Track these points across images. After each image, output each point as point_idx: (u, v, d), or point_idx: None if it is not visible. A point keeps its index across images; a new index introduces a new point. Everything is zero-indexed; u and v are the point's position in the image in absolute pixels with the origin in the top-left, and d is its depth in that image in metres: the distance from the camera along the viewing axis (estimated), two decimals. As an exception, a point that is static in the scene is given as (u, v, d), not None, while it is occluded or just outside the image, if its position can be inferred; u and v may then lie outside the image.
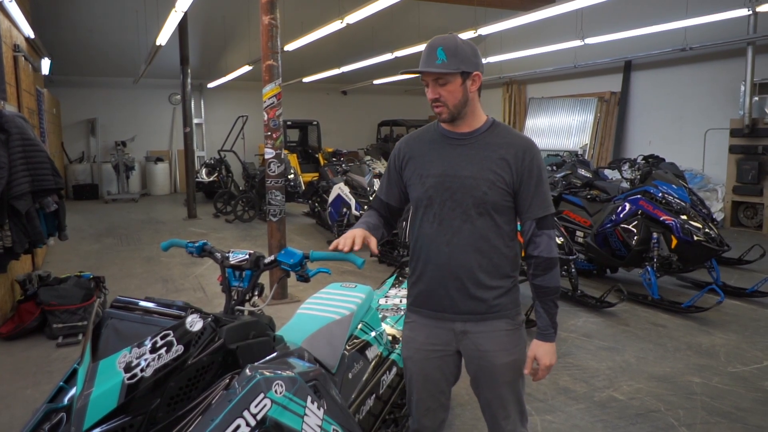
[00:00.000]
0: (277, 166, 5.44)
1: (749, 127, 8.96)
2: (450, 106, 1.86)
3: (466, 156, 1.90)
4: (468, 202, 1.88)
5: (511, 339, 1.97)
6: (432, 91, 1.86)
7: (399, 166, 2.05)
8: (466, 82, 1.87)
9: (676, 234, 5.23)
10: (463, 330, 1.97)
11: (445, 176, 1.90)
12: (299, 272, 1.72)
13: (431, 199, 1.93)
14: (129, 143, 14.79)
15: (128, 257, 7.67)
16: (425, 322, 2.02)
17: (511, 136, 1.92)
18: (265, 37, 5.28)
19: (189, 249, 1.93)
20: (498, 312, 1.96)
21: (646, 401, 3.45)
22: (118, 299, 1.52)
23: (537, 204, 1.89)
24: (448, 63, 1.81)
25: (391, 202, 2.10)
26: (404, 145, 2.06)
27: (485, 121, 1.95)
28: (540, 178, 1.89)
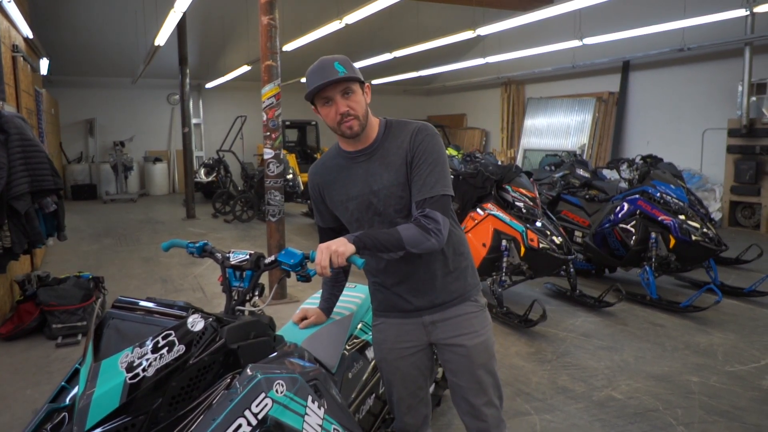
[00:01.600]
0: (276, 167, 5.44)
1: (747, 128, 8.98)
2: (360, 116, 1.84)
3: (374, 170, 1.91)
4: (390, 211, 1.91)
5: (479, 320, 2.03)
6: (341, 105, 1.81)
7: (320, 197, 2.05)
8: (363, 92, 1.87)
9: (674, 234, 5.25)
10: (431, 321, 2.01)
11: (363, 195, 1.92)
12: (300, 272, 1.72)
13: (360, 221, 1.96)
14: (127, 143, 14.79)
15: (127, 257, 7.68)
16: (393, 321, 2.06)
17: (406, 128, 1.91)
18: (264, 37, 5.29)
19: (189, 249, 1.93)
20: (461, 296, 2.01)
21: (644, 400, 3.46)
22: (120, 299, 1.53)
23: (418, 186, 1.83)
24: (349, 74, 1.79)
25: (332, 226, 2.10)
26: (315, 177, 2.05)
27: (379, 126, 1.93)
28: (426, 158, 1.83)
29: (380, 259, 1.98)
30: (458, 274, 2.00)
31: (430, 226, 1.80)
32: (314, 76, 1.83)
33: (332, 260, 1.65)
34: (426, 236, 1.80)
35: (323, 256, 1.66)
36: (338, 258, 1.66)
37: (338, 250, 1.67)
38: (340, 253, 1.67)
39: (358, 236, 1.74)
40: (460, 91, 17.04)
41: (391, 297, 2.03)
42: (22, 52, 6.33)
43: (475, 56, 13.06)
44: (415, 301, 1.99)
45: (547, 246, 4.84)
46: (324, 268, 1.65)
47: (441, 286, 1.98)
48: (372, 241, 1.75)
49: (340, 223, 2.09)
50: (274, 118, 5.36)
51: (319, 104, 1.87)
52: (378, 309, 2.11)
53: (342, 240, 1.72)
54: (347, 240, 1.72)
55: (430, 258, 1.93)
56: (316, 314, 2.20)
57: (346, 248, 1.69)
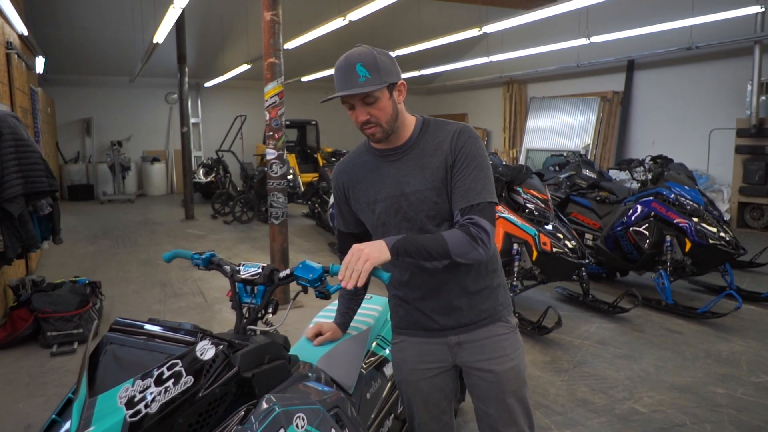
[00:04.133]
0: (280, 167, 5.27)
1: (756, 127, 8.83)
2: (384, 124, 1.67)
3: (406, 170, 1.74)
4: (421, 216, 1.73)
5: (509, 343, 1.84)
6: (360, 114, 1.65)
7: (344, 198, 1.89)
8: (393, 94, 1.69)
9: (691, 237, 5.09)
10: (457, 342, 1.83)
11: (393, 198, 1.75)
12: (319, 288, 1.55)
13: (386, 225, 1.78)
14: (125, 143, 14.59)
15: (124, 260, 7.49)
16: (415, 340, 1.88)
17: (446, 128, 1.75)
18: (267, 34, 5.11)
19: (195, 261, 1.75)
20: (491, 316, 1.82)
21: (669, 414, 3.29)
22: (118, 321, 1.35)
23: (462, 192, 1.67)
24: (372, 79, 1.61)
25: (354, 231, 1.94)
26: (341, 175, 1.89)
27: (415, 124, 1.78)
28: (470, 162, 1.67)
29: (404, 270, 1.80)
30: (489, 293, 1.82)
31: (480, 235, 1.63)
32: (337, 78, 1.66)
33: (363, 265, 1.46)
34: (473, 245, 1.62)
35: (355, 260, 1.47)
36: (368, 264, 1.47)
37: (372, 255, 1.49)
38: (373, 259, 1.48)
39: (399, 240, 1.56)
40: (461, 90, 16.86)
41: (413, 313, 1.86)
42: (16, 49, 6.14)
43: (477, 55, 12.90)
44: (441, 319, 1.81)
45: (561, 250, 4.67)
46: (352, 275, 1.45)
47: (470, 305, 1.80)
48: (414, 246, 1.57)
49: (363, 228, 1.92)
50: (278, 117, 5.19)
51: (344, 105, 1.71)
52: (399, 326, 1.93)
53: (379, 243, 1.53)
54: (385, 244, 1.54)
55: (460, 272, 1.75)
56: (332, 330, 2.02)
57: (380, 254, 1.51)
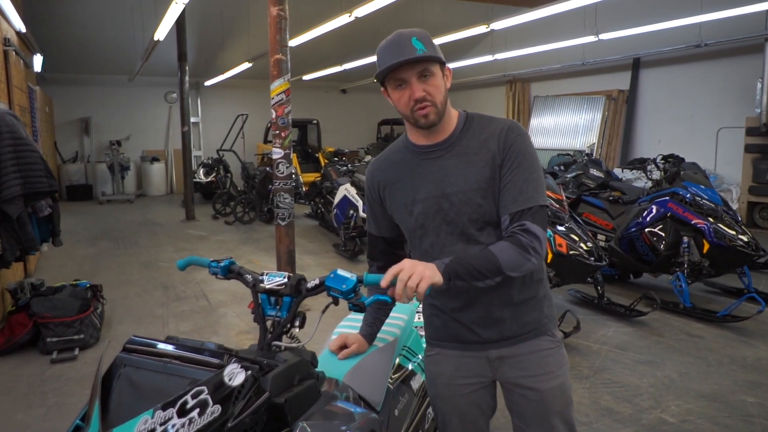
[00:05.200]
0: (286, 167, 5.12)
1: (766, 126, 8.70)
2: (438, 104, 1.54)
3: (449, 169, 1.60)
4: (463, 220, 1.59)
5: (555, 359, 1.69)
6: (417, 89, 1.51)
7: (378, 198, 1.75)
8: (444, 75, 1.58)
9: (709, 238, 4.94)
10: (498, 356, 1.67)
11: (432, 198, 1.61)
12: (352, 300, 1.40)
13: (424, 228, 1.64)
14: (124, 142, 14.42)
15: (125, 262, 7.33)
16: (451, 353, 1.73)
17: (491, 125, 1.61)
18: (273, 29, 4.96)
19: (212, 270, 1.60)
20: (536, 329, 1.67)
21: (699, 425, 3.15)
22: (133, 340, 1.20)
23: (513, 194, 1.54)
24: (429, 53, 1.49)
25: (386, 235, 1.80)
26: (376, 173, 1.75)
27: (458, 119, 1.64)
28: (521, 162, 1.54)
29: None
30: (535, 304, 1.68)
31: (533, 244, 1.49)
32: (387, 52, 1.51)
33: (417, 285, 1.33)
34: (525, 256, 1.48)
35: (407, 276, 1.34)
36: (423, 283, 1.34)
37: (426, 275, 1.35)
38: (428, 279, 1.35)
39: (449, 265, 1.42)
40: (464, 89, 16.70)
41: (451, 324, 1.71)
42: (13, 46, 5.98)
43: (480, 53, 12.74)
44: (482, 331, 1.67)
45: (577, 252, 4.53)
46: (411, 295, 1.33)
47: (513, 316, 1.65)
48: (465, 268, 1.43)
49: (396, 232, 1.78)
50: (284, 115, 5.03)
51: (390, 86, 1.56)
52: (433, 337, 1.78)
53: (432, 266, 1.40)
54: (434, 265, 1.40)
55: (504, 281, 1.60)
56: (357, 342, 1.87)
57: (434, 275, 1.37)
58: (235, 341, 4.56)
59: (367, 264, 1.90)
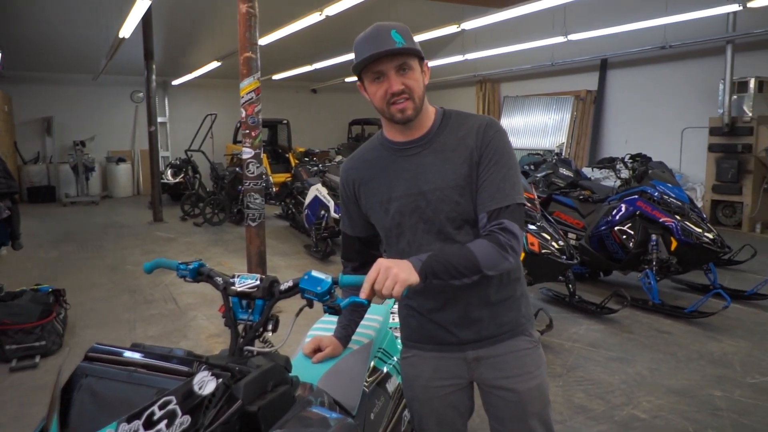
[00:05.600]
0: (256, 167, 5.03)
1: (729, 126, 8.91)
2: (416, 98, 1.51)
3: (426, 166, 1.57)
4: (440, 218, 1.56)
5: (533, 359, 1.67)
6: (395, 82, 1.48)
7: (353, 197, 1.71)
8: (423, 71, 1.55)
9: (677, 236, 5.03)
10: (476, 357, 1.65)
11: (409, 196, 1.57)
12: (327, 302, 1.35)
13: (401, 227, 1.61)
14: (88, 143, 14.02)
15: (90, 265, 7.13)
16: (428, 355, 1.70)
17: (469, 121, 1.59)
18: (243, 27, 4.87)
19: (181, 273, 1.54)
20: (513, 329, 1.66)
21: (671, 420, 3.19)
22: (96, 348, 1.13)
23: (490, 192, 1.51)
24: (408, 46, 1.47)
25: (361, 235, 1.76)
26: (351, 171, 1.70)
27: (435, 115, 1.61)
28: (498, 159, 1.52)
29: None
30: (512, 303, 1.65)
31: (510, 242, 1.47)
32: (365, 44, 1.47)
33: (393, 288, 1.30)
34: (503, 255, 1.46)
35: (383, 279, 1.30)
36: (398, 287, 1.30)
37: (400, 276, 1.31)
38: (402, 281, 1.31)
39: (426, 262, 1.39)
40: (434, 89, 16.76)
41: (428, 326, 1.68)
42: (-30, 42, 5.75)
43: (451, 54, 12.79)
44: (459, 332, 1.64)
45: (549, 251, 4.56)
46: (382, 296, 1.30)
47: (491, 316, 1.63)
48: (443, 265, 1.40)
49: (372, 231, 1.74)
50: (254, 114, 4.95)
51: (367, 80, 1.52)
52: (410, 339, 1.75)
53: (407, 265, 1.36)
54: (411, 265, 1.37)
55: (481, 281, 1.57)
56: (332, 345, 1.82)
57: (409, 276, 1.33)
58: (206, 345, 4.46)
59: (342, 265, 1.85)
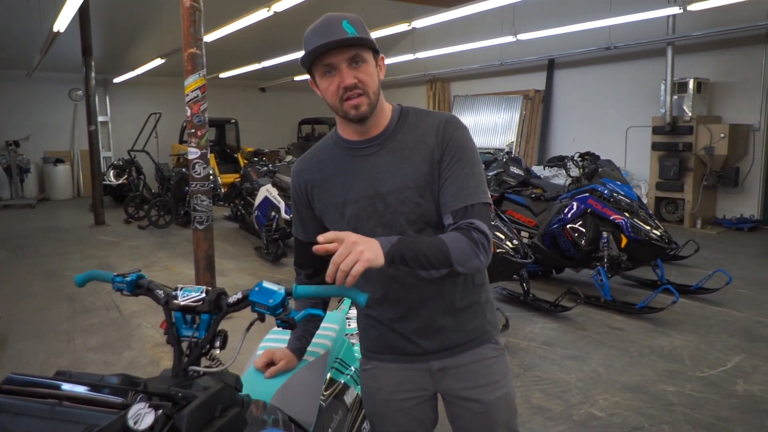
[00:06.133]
0: (203, 168, 4.83)
1: (670, 125, 9.20)
2: (371, 93, 1.41)
3: (383, 166, 1.47)
4: (400, 221, 1.46)
5: (499, 367, 1.60)
6: (347, 75, 1.37)
7: (306, 200, 1.60)
8: (377, 65, 1.46)
9: (626, 233, 5.12)
10: (441, 367, 1.57)
11: (366, 198, 1.48)
12: (280, 315, 1.24)
13: (357, 231, 1.45)
14: (23, 143, 13.34)
15: (25, 272, 6.72)
16: (390, 366, 1.60)
17: (428, 119, 1.50)
18: (187, 21, 4.66)
19: (117, 286, 1.39)
20: (479, 337, 1.58)
21: (627, 417, 3.21)
22: (12, 379, 0.98)
23: (454, 191, 1.43)
24: (360, 35, 1.36)
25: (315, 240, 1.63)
26: (302, 173, 1.59)
27: (392, 112, 1.52)
28: (461, 157, 1.44)
29: (378, 286, 1.52)
30: (477, 310, 1.57)
31: (483, 242, 1.38)
32: (314, 36, 1.37)
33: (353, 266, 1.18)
34: (475, 251, 1.36)
35: (345, 254, 1.19)
36: (359, 266, 1.18)
37: (365, 255, 1.19)
38: (365, 260, 1.19)
39: (395, 246, 1.27)
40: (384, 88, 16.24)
41: (389, 336, 1.58)
42: None
43: (401, 52, 12.76)
44: (423, 342, 1.55)
45: (504, 250, 4.54)
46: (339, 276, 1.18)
47: (456, 324, 1.54)
48: (412, 251, 1.29)
49: None
50: (200, 113, 4.75)
51: (318, 74, 1.41)
52: (370, 350, 1.65)
53: (373, 242, 1.24)
54: (380, 245, 1.25)
55: (445, 286, 1.49)
56: (286, 358, 1.70)
57: (375, 256, 1.22)
58: (151, 355, 4.25)
59: (295, 272, 1.73)
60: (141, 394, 0.99)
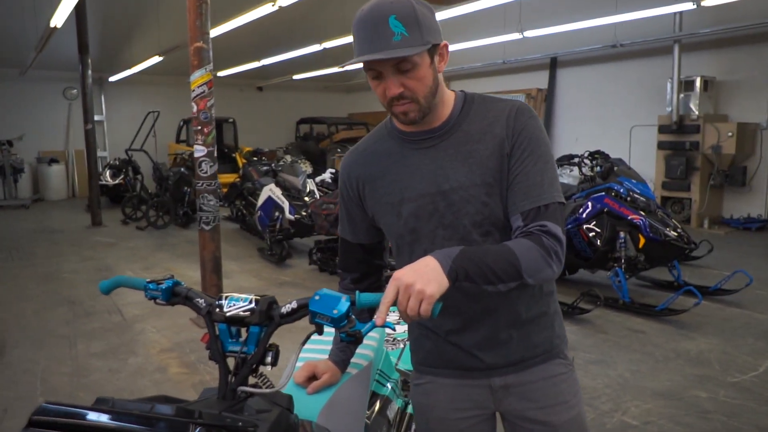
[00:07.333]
0: (210, 166, 4.66)
1: (677, 124, 9.09)
2: (421, 100, 1.24)
3: (445, 160, 1.31)
4: (464, 222, 1.31)
5: (568, 386, 1.43)
6: (392, 85, 1.21)
7: (356, 198, 1.44)
8: (434, 59, 1.26)
9: (645, 233, 4.98)
10: (504, 384, 1.40)
11: (426, 197, 1.32)
12: (344, 328, 1.08)
13: (416, 233, 1.35)
14: (16, 142, 13.08)
15: (21, 275, 6.52)
16: (446, 381, 1.44)
17: (497, 106, 1.33)
18: (193, 14, 4.49)
19: (150, 293, 1.22)
20: (547, 351, 1.41)
21: (663, 426, 3.06)
22: (45, 409, 0.81)
23: (526, 188, 1.26)
24: (410, 38, 1.17)
25: (365, 242, 1.49)
26: (354, 167, 1.44)
27: (455, 100, 1.35)
28: (533, 150, 1.27)
29: None
30: (545, 321, 1.41)
31: (555, 248, 1.21)
32: (359, 32, 1.20)
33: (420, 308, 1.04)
34: (547, 260, 1.20)
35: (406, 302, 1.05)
36: (425, 305, 1.04)
37: (428, 290, 1.04)
38: (430, 297, 1.04)
39: (457, 261, 1.11)
40: (384, 88, 16.55)
41: (446, 348, 1.42)
42: None
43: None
44: (484, 356, 1.38)
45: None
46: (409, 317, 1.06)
47: (521, 337, 1.38)
48: (478, 267, 1.13)
49: (376, 239, 1.48)
50: (206, 109, 4.58)
51: (367, 74, 1.25)
52: (423, 363, 1.49)
53: (429, 269, 1.08)
54: (439, 265, 1.10)
55: (511, 295, 1.32)
56: (329, 372, 1.53)
57: (439, 285, 1.06)
58: (158, 361, 4.07)
59: (339, 276, 1.58)
60: (198, 426, 0.83)
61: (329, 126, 16.28)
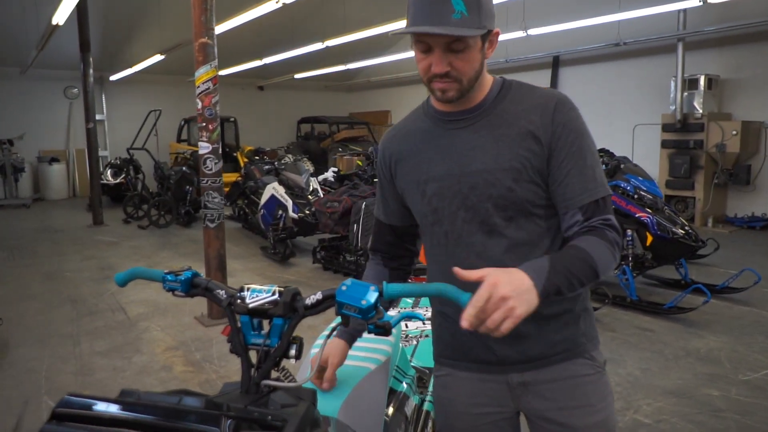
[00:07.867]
0: (215, 163, 4.62)
1: (681, 122, 9.06)
2: (464, 81, 1.23)
3: (476, 141, 1.29)
4: (486, 206, 1.28)
5: (594, 388, 1.36)
6: (440, 62, 1.19)
7: (389, 175, 1.44)
8: (485, 44, 1.25)
9: (652, 231, 4.95)
10: (521, 382, 1.36)
11: (451, 177, 1.30)
12: (372, 320, 1.04)
13: (437, 213, 1.33)
14: (17, 142, 13.04)
15: (23, 274, 6.48)
16: (465, 375, 1.41)
17: (534, 94, 1.30)
18: (198, 10, 4.45)
19: (169, 285, 1.18)
20: (569, 349, 1.35)
21: (675, 424, 3.03)
22: (68, 401, 0.77)
23: (582, 183, 1.24)
24: (470, 19, 1.15)
25: (397, 224, 1.48)
26: (389, 145, 1.44)
27: (492, 84, 1.33)
28: (581, 144, 1.25)
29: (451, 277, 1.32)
30: (569, 319, 1.35)
31: (618, 240, 1.22)
32: (419, 4, 1.17)
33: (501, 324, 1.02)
34: (614, 255, 1.21)
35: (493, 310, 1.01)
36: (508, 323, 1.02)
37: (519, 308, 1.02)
38: (515, 317, 1.02)
39: (550, 278, 1.09)
40: (385, 87, 16.52)
41: (463, 339, 1.37)
42: None
43: (400, 50, 12.59)
44: (500, 349, 1.34)
45: None
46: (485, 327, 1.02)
47: (540, 333, 1.33)
48: (566, 278, 1.12)
49: (409, 222, 1.46)
50: (211, 106, 4.54)
51: (415, 45, 1.22)
52: (442, 354, 1.45)
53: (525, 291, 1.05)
54: (533, 284, 1.06)
55: None
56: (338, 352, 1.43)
57: (528, 308, 1.04)
58: (163, 359, 4.03)
59: (369, 256, 1.56)
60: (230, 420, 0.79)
61: (330, 125, 16.23)
